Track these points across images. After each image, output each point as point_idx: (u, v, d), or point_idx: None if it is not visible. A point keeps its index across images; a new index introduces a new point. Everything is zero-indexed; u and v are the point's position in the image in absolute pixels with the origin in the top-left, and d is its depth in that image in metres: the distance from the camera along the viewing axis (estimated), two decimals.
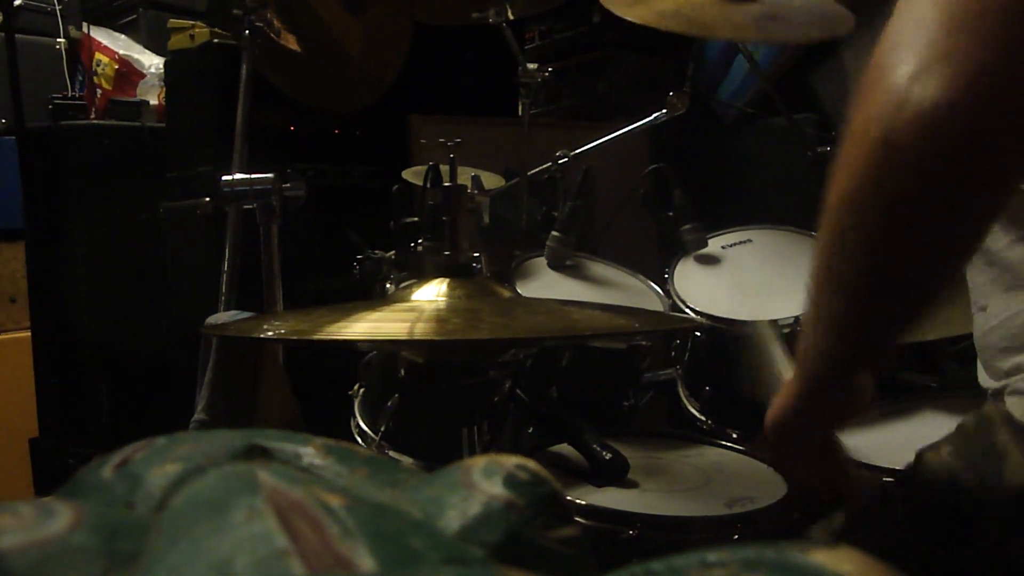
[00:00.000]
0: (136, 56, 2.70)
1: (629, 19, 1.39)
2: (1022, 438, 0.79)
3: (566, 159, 1.72)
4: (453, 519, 0.36)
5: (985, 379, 0.88)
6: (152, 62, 2.68)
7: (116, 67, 2.66)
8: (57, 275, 2.27)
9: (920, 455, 0.87)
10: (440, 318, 0.88)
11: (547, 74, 1.83)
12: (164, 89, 2.49)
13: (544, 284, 1.51)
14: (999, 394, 0.84)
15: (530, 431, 1.36)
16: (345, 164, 2.18)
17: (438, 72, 2.24)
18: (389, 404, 1.26)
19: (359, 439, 1.30)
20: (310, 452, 0.41)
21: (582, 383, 1.44)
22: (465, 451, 1.03)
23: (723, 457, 1.28)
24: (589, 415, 1.24)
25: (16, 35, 2.26)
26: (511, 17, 1.75)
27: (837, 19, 1.45)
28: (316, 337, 0.87)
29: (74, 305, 2.22)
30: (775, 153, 2.25)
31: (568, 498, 1.04)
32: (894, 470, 1.05)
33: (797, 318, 1.38)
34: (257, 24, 1.50)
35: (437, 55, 2.10)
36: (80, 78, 2.75)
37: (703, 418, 1.43)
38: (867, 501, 0.93)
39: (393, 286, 1.42)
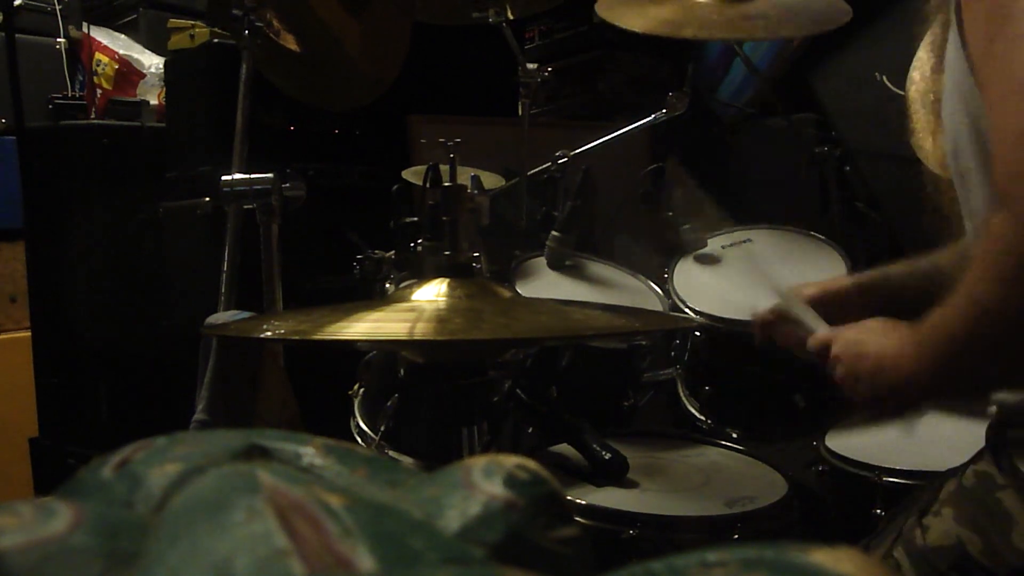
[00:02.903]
0: (136, 56, 2.70)
1: (623, 26, 1.39)
2: None
3: (566, 159, 1.72)
4: (453, 519, 0.36)
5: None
6: (152, 62, 2.68)
7: (116, 67, 2.66)
8: (57, 275, 2.27)
9: (922, 519, 0.85)
10: (440, 318, 0.88)
11: (547, 74, 1.83)
12: (164, 89, 2.49)
13: (544, 284, 1.51)
14: (1003, 427, 0.82)
15: (530, 431, 1.36)
16: (345, 164, 2.18)
17: (438, 72, 2.23)
18: (389, 404, 1.26)
19: (359, 439, 1.30)
20: (310, 452, 0.41)
21: (582, 383, 1.44)
22: (465, 451, 1.03)
23: (723, 457, 1.28)
24: (589, 415, 1.24)
25: (16, 35, 2.26)
26: (511, 17, 1.74)
27: (835, 12, 1.46)
28: (316, 337, 0.87)
29: (74, 305, 2.22)
30: (775, 153, 2.26)
31: (568, 498, 1.04)
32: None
33: None
34: (257, 24, 1.49)
35: (437, 55, 2.10)
36: (80, 78, 2.75)
37: (703, 418, 1.43)
38: None
39: (393, 286, 1.42)
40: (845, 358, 0.87)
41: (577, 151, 1.73)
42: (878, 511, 1.11)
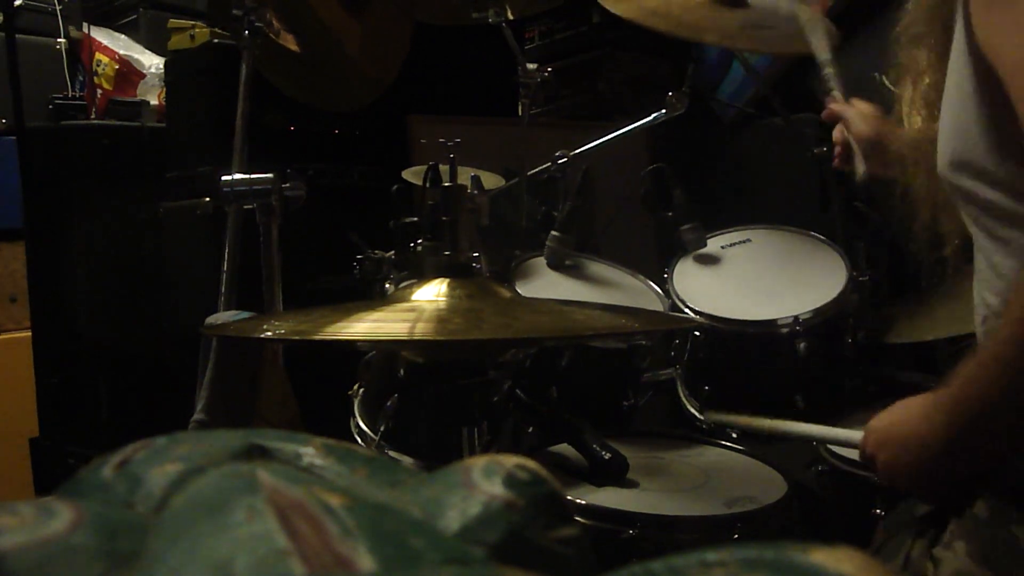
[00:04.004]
0: (136, 56, 2.70)
1: (616, 13, 1.39)
2: None
3: (566, 159, 1.72)
4: (453, 519, 0.36)
5: None
6: (152, 62, 2.68)
7: (116, 67, 2.66)
8: (57, 275, 2.27)
9: (931, 550, 0.82)
10: (440, 318, 0.88)
11: (547, 74, 1.83)
12: (164, 89, 2.49)
13: (544, 284, 1.51)
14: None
15: (530, 431, 1.36)
16: (345, 164, 2.18)
17: (438, 72, 2.23)
18: (389, 404, 1.26)
19: (359, 439, 1.30)
20: (310, 452, 0.41)
21: (582, 383, 1.44)
22: (465, 451, 1.03)
23: (723, 457, 1.28)
24: (589, 415, 1.24)
25: (16, 35, 2.26)
26: (511, 17, 1.74)
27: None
28: (316, 337, 0.87)
29: (74, 305, 2.22)
30: (775, 153, 2.25)
31: (568, 498, 1.04)
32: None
33: (796, 317, 1.38)
34: (257, 24, 1.49)
35: (437, 55, 2.10)
36: (80, 78, 2.75)
37: (703, 418, 1.43)
38: None
39: (393, 286, 1.42)
40: (878, 452, 0.83)
41: (577, 151, 1.73)
42: (878, 511, 1.11)
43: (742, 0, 1.46)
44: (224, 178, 1.38)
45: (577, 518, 0.90)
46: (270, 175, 1.37)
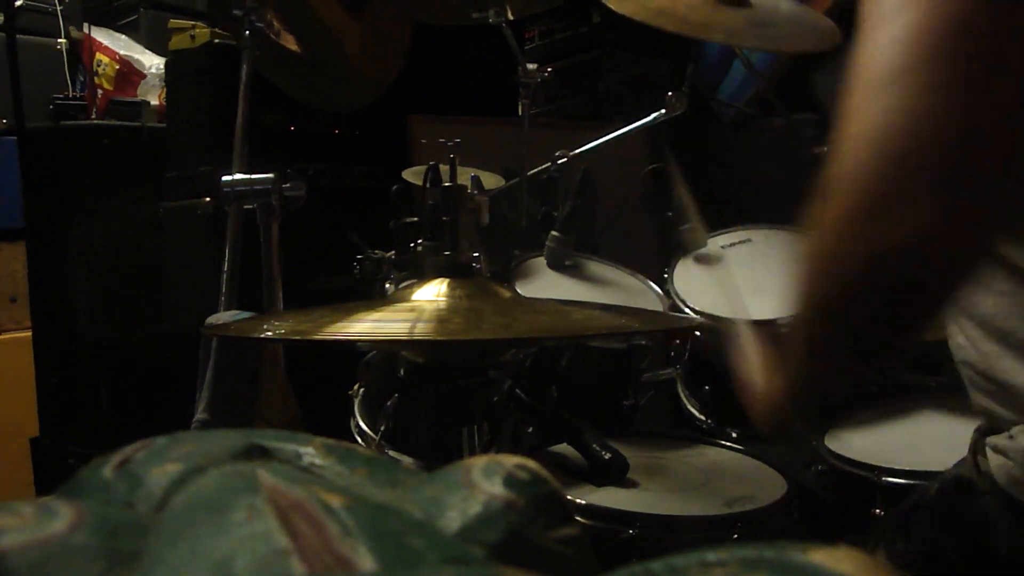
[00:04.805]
0: (137, 56, 2.70)
1: (620, 12, 1.39)
2: (1006, 504, 0.75)
3: (566, 159, 1.72)
4: (453, 519, 0.36)
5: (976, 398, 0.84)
6: (152, 62, 2.68)
7: (117, 67, 2.66)
8: (57, 275, 2.27)
9: (904, 523, 0.84)
10: (440, 318, 0.88)
11: (547, 74, 1.83)
12: (164, 89, 2.49)
13: (544, 284, 1.51)
14: (984, 433, 0.81)
15: (530, 431, 1.36)
16: (345, 164, 2.18)
17: (438, 72, 2.23)
18: (389, 404, 1.26)
19: (359, 439, 1.30)
20: (310, 452, 0.41)
21: (582, 383, 1.44)
22: (465, 451, 1.03)
23: (723, 457, 1.28)
24: (589, 415, 1.24)
25: (17, 35, 2.27)
26: (511, 17, 1.74)
27: (826, 32, 1.46)
28: (316, 337, 0.87)
29: (74, 305, 2.22)
30: (775, 153, 2.25)
31: (568, 498, 1.04)
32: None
33: None
34: (257, 25, 1.50)
35: (437, 55, 2.10)
36: (81, 78, 2.75)
37: (703, 418, 1.43)
38: None
39: (393, 286, 1.42)
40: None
41: (577, 151, 1.73)
42: (878, 511, 1.11)
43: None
44: (224, 178, 1.38)
45: (577, 518, 0.90)
46: (270, 175, 1.37)
